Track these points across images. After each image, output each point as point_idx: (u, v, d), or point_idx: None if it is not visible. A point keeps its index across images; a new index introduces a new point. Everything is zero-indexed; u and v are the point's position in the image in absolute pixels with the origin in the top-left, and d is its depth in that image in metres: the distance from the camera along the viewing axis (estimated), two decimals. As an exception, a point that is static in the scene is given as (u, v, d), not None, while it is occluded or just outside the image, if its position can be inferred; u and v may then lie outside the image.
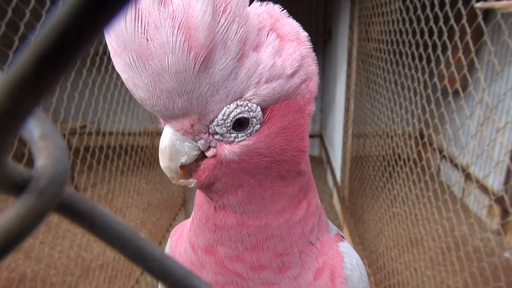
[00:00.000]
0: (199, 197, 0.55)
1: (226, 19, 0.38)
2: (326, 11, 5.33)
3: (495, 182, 3.36)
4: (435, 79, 1.84)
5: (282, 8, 0.48)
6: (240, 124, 0.45)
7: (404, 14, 2.13)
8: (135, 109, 3.28)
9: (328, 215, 3.97)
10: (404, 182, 2.32)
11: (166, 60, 0.38)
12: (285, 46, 0.46)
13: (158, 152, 0.48)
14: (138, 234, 0.15)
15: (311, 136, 5.89)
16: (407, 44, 2.16)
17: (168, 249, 0.69)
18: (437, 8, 1.70)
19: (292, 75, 0.46)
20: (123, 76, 0.41)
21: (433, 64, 1.89)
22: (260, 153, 0.47)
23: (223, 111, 0.44)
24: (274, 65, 0.44)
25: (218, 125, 0.45)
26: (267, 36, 0.44)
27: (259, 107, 0.45)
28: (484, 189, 3.19)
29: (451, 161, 3.28)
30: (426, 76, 2.03)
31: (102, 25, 0.09)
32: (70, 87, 2.41)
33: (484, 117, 2.52)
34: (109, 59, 2.78)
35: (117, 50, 0.39)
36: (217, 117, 0.44)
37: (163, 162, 0.47)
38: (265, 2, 0.49)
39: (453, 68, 1.65)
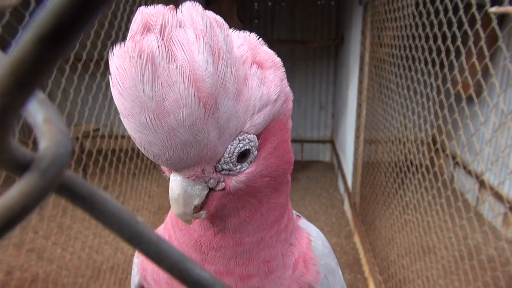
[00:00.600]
0: (179, 220, 0.55)
1: (222, 64, 0.40)
2: (338, 16, 5.32)
3: (510, 190, 3.30)
4: (449, 84, 1.82)
5: (258, 36, 0.51)
6: (243, 155, 0.47)
7: (417, 19, 2.11)
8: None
9: (339, 221, 3.95)
10: (416, 189, 2.29)
11: (181, 115, 0.39)
12: (266, 74, 0.48)
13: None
14: (136, 218, 0.15)
15: (323, 142, 5.86)
16: (420, 49, 2.15)
17: (136, 271, 0.64)
18: (450, 13, 1.69)
19: (276, 99, 0.49)
20: (137, 136, 0.42)
21: (446, 70, 1.87)
22: (261, 175, 0.49)
23: (228, 149, 0.46)
24: (262, 94, 0.46)
25: (225, 163, 0.47)
26: (250, 67, 0.47)
27: (255, 136, 0.48)
28: (498, 196, 3.12)
29: (465, 168, 3.22)
30: (439, 81, 2.01)
31: (99, 7, 0.09)
32: (84, 91, 2.45)
33: (499, 123, 2.48)
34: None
35: (133, 112, 0.40)
36: (223, 156, 0.46)
37: (178, 209, 0.47)
38: (243, 32, 0.51)
39: (467, 73, 1.63)
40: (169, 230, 0.57)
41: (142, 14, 0.40)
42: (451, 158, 2.13)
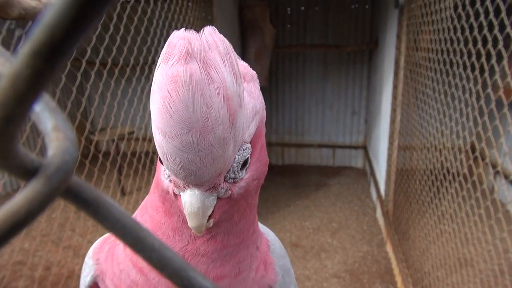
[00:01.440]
0: (160, 226, 0.55)
1: (238, 82, 0.45)
2: (373, 20, 5.23)
3: (557, 202, 3.10)
4: (489, 89, 1.74)
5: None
6: (245, 163, 0.51)
7: (456, 22, 2.04)
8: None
9: (371, 229, 3.85)
10: (453, 198, 2.20)
11: (218, 132, 0.43)
12: (249, 86, 0.52)
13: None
14: (140, 225, 0.16)
15: (355, 147, 5.76)
16: (458, 53, 2.07)
17: (92, 270, 0.62)
18: (491, 16, 1.61)
19: (259, 109, 0.53)
20: (178, 156, 0.43)
21: (486, 74, 1.79)
22: (254, 178, 0.53)
23: (236, 159, 0.49)
24: (253, 105, 0.51)
25: (232, 172, 0.50)
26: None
27: (249, 144, 0.51)
28: (544, 209, 2.94)
29: (506, 177, 3.06)
30: (479, 86, 1.92)
31: (90, 22, 0.09)
32: (121, 94, 2.54)
33: (545, 132, 2.33)
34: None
35: (181, 133, 0.42)
36: (232, 166, 0.49)
37: (197, 222, 0.48)
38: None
39: (509, 78, 1.55)
40: None
41: (182, 39, 0.43)
42: (492, 167, 2.03)
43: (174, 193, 0.50)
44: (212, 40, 0.44)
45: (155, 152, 3.00)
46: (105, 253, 0.63)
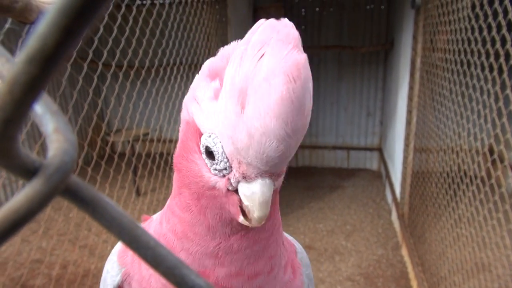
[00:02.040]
0: (184, 232, 0.55)
1: None
2: (389, 20, 5.18)
3: None
4: (508, 91, 1.70)
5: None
6: None
7: (473, 22, 2.00)
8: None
9: (386, 233, 3.81)
10: (470, 202, 2.16)
11: (305, 124, 0.46)
12: None
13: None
14: (136, 223, 0.16)
15: (370, 149, 5.70)
16: (476, 53, 2.03)
17: (119, 272, 0.63)
18: (510, 15, 1.58)
19: None
20: (284, 142, 0.44)
21: (505, 75, 1.75)
22: (284, 171, 0.54)
23: None
24: None
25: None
26: None
27: None
28: None
29: (527, 181, 2.98)
30: (497, 87, 1.88)
31: (80, 32, 0.10)
32: (136, 96, 2.58)
33: None
34: (172, 70, 2.93)
35: (295, 119, 0.44)
36: None
37: (265, 211, 0.49)
38: None
39: (528, 79, 1.52)
40: (170, 243, 0.57)
41: (288, 27, 0.45)
42: (511, 170, 1.98)
43: (227, 188, 0.50)
44: (297, 41, 0.46)
45: (169, 153, 3.03)
46: (130, 257, 0.64)
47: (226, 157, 0.49)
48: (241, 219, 0.50)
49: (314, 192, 4.84)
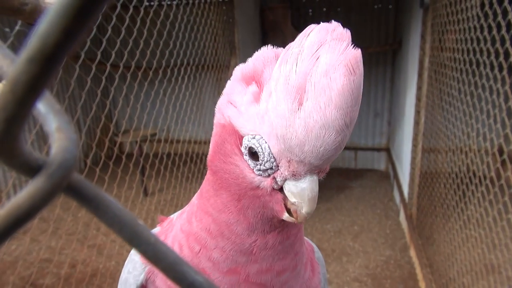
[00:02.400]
0: (220, 230, 0.57)
1: None
2: (396, 20, 5.14)
3: None
4: (517, 90, 1.68)
5: None
6: None
7: (482, 21, 1.98)
8: (201, 118, 3.42)
9: (394, 233, 3.78)
10: (480, 202, 2.13)
11: (354, 114, 0.47)
12: None
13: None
14: (137, 220, 0.16)
15: (378, 150, 5.67)
16: (485, 53, 2.01)
17: (142, 271, 0.64)
18: (520, 14, 1.56)
19: None
20: (342, 133, 0.47)
21: (514, 74, 1.73)
22: None
23: None
24: None
25: None
26: None
27: None
28: None
29: (538, 181, 2.93)
30: (507, 87, 1.86)
31: (79, 32, 0.10)
32: (144, 97, 2.60)
33: None
34: (179, 70, 2.95)
35: (352, 109, 0.46)
36: None
37: (313, 206, 0.52)
38: None
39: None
40: (203, 241, 0.58)
41: (339, 27, 0.48)
42: (521, 170, 1.96)
43: (272, 187, 0.52)
44: (348, 38, 0.49)
45: (176, 153, 3.05)
46: None
47: (273, 157, 0.50)
48: (285, 216, 0.52)
49: (321, 192, 4.77)
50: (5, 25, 3.94)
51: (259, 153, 0.50)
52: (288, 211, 0.52)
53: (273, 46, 0.54)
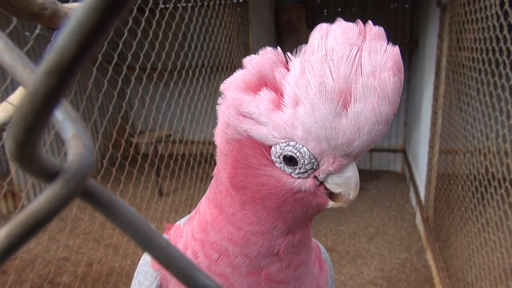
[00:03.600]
0: (246, 237, 0.56)
1: None
2: (413, 19, 5.07)
3: None
4: (538, 90, 1.64)
5: None
6: None
7: (502, 20, 1.94)
8: (216, 119, 3.43)
9: (410, 236, 3.73)
10: (499, 205, 2.09)
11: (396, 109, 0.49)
12: None
13: None
14: (149, 224, 0.17)
15: (394, 151, 5.60)
16: (505, 52, 1.97)
17: (154, 280, 0.64)
18: (541, 12, 1.52)
19: None
20: (385, 123, 0.48)
21: (535, 74, 1.69)
22: None
23: None
24: None
25: None
26: None
27: None
28: None
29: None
30: (528, 87, 1.82)
31: (94, 46, 0.11)
32: (159, 98, 2.63)
33: None
34: (194, 72, 2.97)
35: (395, 101, 0.48)
36: None
37: (357, 192, 0.54)
38: None
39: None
40: (222, 249, 0.58)
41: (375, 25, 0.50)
42: (541, 173, 1.91)
43: (315, 185, 0.53)
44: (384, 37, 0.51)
45: (191, 154, 3.07)
46: None
47: (314, 158, 0.51)
48: (330, 204, 0.54)
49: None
50: (25, 28, 4.04)
51: (298, 158, 0.50)
52: (331, 198, 0.55)
53: (287, 48, 0.54)
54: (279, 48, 0.53)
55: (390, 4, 5.14)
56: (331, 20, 0.51)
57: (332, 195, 0.55)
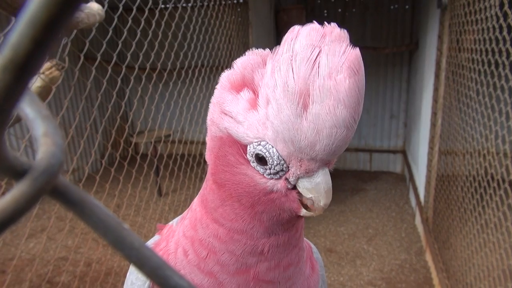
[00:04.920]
0: (230, 235, 0.57)
1: None
2: (413, 20, 5.07)
3: None
4: (537, 92, 1.64)
5: None
6: None
7: (501, 21, 1.94)
8: (215, 119, 3.42)
9: (409, 237, 3.72)
10: (498, 206, 2.08)
11: (360, 110, 0.48)
12: None
13: None
14: (122, 224, 0.16)
15: (394, 152, 5.59)
16: (504, 53, 1.97)
17: (145, 281, 0.65)
18: (540, 13, 1.52)
19: None
20: (349, 129, 0.47)
21: (535, 76, 1.69)
22: None
23: None
24: None
25: None
26: None
27: None
28: None
29: (560, 186, 2.84)
30: (527, 88, 1.82)
31: (46, 46, 0.10)
32: (158, 98, 2.62)
33: None
34: (193, 72, 2.97)
35: (356, 105, 0.47)
36: None
37: (328, 199, 0.52)
38: None
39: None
40: (210, 246, 0.58)
41: (338, 28, 0.50)
42: (540, 174, 1.90)
43: (286, 187, 0.52)
44: (346, 40, 0.50)
45: (190, 154, 3.06)
46: None
47: (282, 159, 0.51)
48: (303, 212, 0.53)
49: (335, 194, 4.78)
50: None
51: (267, 158, 0.51)
52: (305, 206, 0.53)
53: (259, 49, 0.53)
54: (267, 49, 0.53)
55: (390, 5, 5.14)
56: (331, 20, 0.51)
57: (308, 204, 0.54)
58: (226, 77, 0.54)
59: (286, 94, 0.46)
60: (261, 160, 0.51)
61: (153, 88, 2.51)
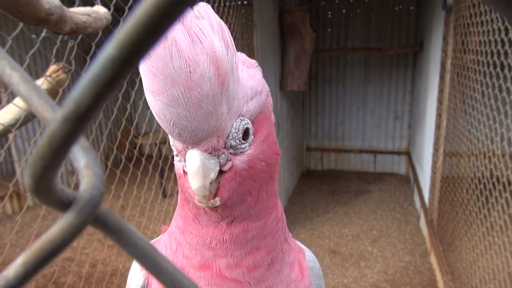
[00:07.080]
0: (185, 225, 0.59)
1: (230, 52, 0.49)
2: (418, 21, 5.06)
3: None
4: (543, 95, 1.64)
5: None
6: (246, 134, 0.54)
7: (506, 22, 1.94)
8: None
9: (414, 239, 3.72)
10: (504, 209, 2.08)
11: (206, 88, 0.46)
12: (250, 70, 0.58)
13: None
14: (156, 249, 0.17)
15: (398, 153, 5.58)
16: (510, 55, 1.96)
17: (141, 276, 0.67)
18: (546, 16, 1.51)
19: (261, 91, 0.57)
20: (168, 112, 0.47)
21: (541, 78, 1.68)
22: (259, 158, 0.56)
23: (234, 126, 0.53)
24: (252, 86, 0.55)
25: (232, 138, 0.53)
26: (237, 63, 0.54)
27: (250, 120, 0.55)
28: None
29: None
30: (533, 91, 1.81)
31: (107, 96, 0.11)
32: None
33: None
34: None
35: (165, 88, 0.46)
36: (231, 132, 0.53)
37: (198, 182, 0.50)
38: None
39: None
40: (177, 238, 0.61)
41: None
42: (546, 177, 1.90)
43: (183, 170, 0.53)
44: (204, 11, 0.48)
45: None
46: None
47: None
48: (196, 199, 0.52)
49: (339, 196, 4.79)
50: (31, 31, 4.07)
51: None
52: None
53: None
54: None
55: (395, 6, 5.13)
56: (335, 21, 0.52)
57: None
58: None
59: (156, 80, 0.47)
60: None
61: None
